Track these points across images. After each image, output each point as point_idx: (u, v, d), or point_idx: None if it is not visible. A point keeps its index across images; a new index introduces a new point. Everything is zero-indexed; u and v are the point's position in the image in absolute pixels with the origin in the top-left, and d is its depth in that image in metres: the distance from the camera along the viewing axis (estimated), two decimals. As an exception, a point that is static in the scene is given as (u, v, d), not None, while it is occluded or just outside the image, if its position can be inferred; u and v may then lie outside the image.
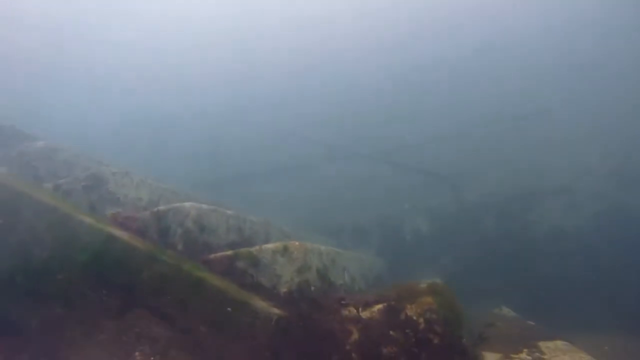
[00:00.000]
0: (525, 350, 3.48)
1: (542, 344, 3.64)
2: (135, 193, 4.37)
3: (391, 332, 2.61)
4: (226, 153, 10.07)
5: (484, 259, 8.03)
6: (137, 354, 2.87)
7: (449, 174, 8.60)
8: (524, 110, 8.35)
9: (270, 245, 3.18)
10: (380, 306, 2.79)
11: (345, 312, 2.81)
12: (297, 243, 3.22)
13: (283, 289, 2.99)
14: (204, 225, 3.69)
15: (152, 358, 2.82)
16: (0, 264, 3.35)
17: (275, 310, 2.74)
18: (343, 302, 2.78)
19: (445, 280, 7.64)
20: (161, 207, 3.72)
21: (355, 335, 2.72)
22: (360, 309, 2.80)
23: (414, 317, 2.65)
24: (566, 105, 8.85)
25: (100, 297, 3.05)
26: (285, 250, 3.13)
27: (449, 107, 9.06)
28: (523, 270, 7.62)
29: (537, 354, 3.31)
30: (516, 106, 8.42)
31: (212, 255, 3.33)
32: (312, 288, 3.07)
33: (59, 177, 4.50)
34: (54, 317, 3.08)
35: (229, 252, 3.29)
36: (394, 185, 9.33)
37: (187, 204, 3.73)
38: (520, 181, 8.18)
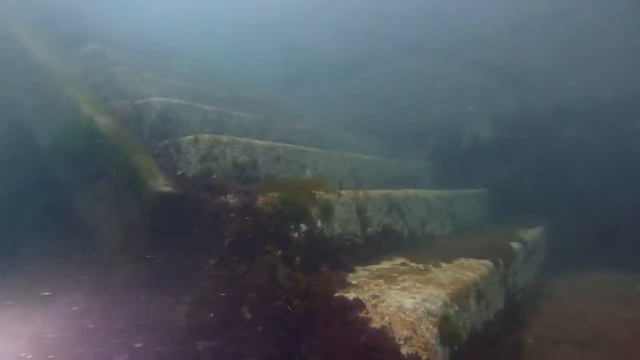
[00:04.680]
0: (420, 264, 3.18)
1: (459, 261, 3.35)
2: (144, 90, 5.18)
3: (237, 217, 2.91)
4: (295, 50, 10.21)
5: (546, 176, 6.98)
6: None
7: (527, 73, 7.08)
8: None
9: (188, 137, 3.61)
10: (244, 196, 3.06)
11: (221, 199, 3.18)
12: (207, 136, 3.57)
13: (190, 174, 3.49)
14: (168, 118, 4.30)
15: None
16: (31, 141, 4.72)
17: (165, 189, 3.29)
18: (212, 187, 3.15)
19: (491, 190, 7.00)
20: (139, 101, 4.43)
21: (223, 218, 3.11)
22: (230, 197, 3.13)
23: (260, 208, 2.87)
24: None
25: (77, 166, 4.11)
26: (195, 141, 3.54)
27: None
28: (597, 198, 6.44)
29: (413, 264, 3.09)
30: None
31: (161, 142, 3.97)
32: (214, 176, 3.47)
33: (103, 75, 5.60)
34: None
35: (167, 141, 3.87)
36: (462, 85, 8.26)
37: (156, 99, 4.34)
38: (621, 86, 6.28)
